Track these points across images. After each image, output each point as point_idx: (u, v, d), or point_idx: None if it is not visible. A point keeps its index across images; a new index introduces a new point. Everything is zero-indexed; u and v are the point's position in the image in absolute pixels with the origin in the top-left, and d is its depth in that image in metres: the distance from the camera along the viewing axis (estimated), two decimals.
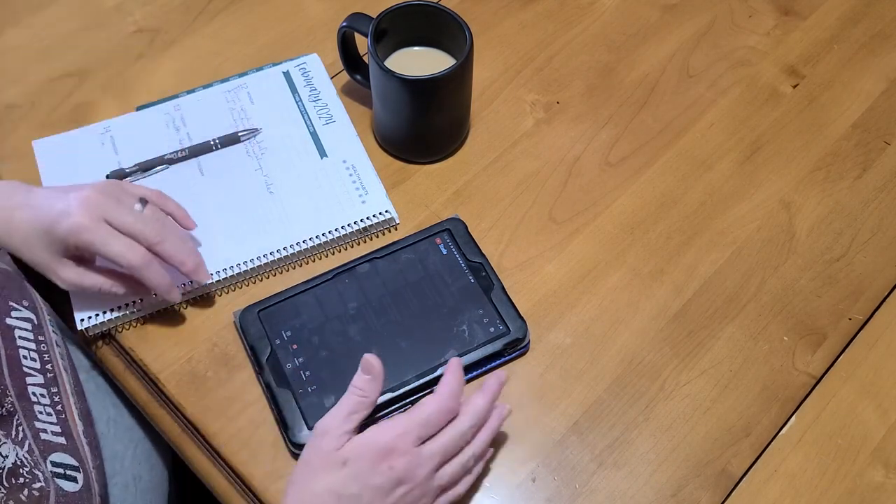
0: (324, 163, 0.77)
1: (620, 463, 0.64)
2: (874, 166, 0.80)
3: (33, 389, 0.61)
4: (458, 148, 0.80)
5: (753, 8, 0.91)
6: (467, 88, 0.76)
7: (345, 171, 0.76)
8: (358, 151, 0.78)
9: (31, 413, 0.60)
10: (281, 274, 0.72)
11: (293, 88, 0.82)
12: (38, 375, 0.62)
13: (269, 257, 0.71)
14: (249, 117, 0.80)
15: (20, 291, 0.66)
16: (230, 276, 0.70)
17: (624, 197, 0.77)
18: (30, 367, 0.62)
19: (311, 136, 0.78)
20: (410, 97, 0.73)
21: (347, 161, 0.77)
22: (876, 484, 0.64)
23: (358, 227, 0.73)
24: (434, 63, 0.76)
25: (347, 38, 0.78)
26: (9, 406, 0.58)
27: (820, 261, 0.74)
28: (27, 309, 0.65)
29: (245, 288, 0.71)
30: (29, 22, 0.87)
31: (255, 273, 0.71)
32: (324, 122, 0.79)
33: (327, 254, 0.73)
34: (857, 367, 0.69)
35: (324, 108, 0.80)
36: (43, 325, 0.66)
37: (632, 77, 0.85)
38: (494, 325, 0.68)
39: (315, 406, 0.64)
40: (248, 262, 0.71)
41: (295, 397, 0.64)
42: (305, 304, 0.68)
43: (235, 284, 0.71)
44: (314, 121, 0.79)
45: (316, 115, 0.80)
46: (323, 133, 0.79)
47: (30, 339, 0.64)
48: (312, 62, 0.83)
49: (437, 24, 0.75)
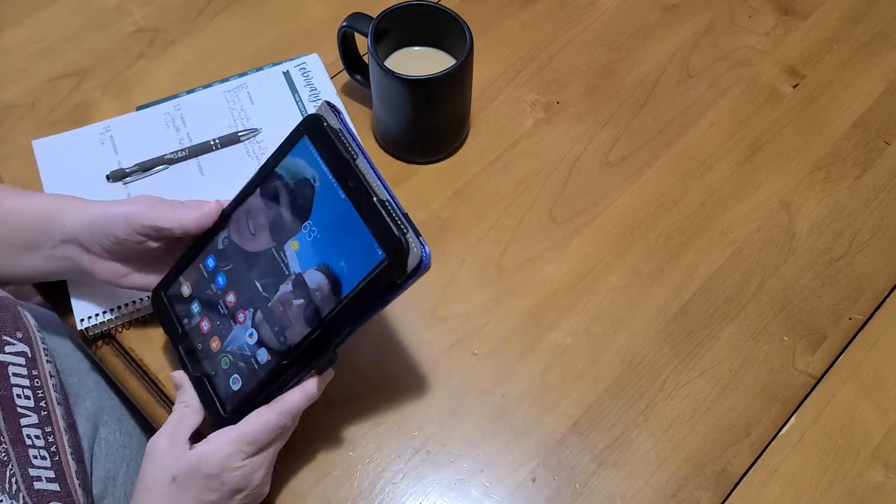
0: None
1: (620, 463, 0.64)
2: (874, 166, 0.80)
3: (28, 431, 0.60)
4: (459, 148, 0.80)
5: (753, 8, 0.91)
6: (467, 88, 0.76)
7: None
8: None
9: (26, 459, 0.58)
10: None
11: (293, 88, 0.82)
12: (33, 415, 0.61)
13: None
14: (249, 117, 0.80)
15: (14, 321, 0.64)
16: None
17: (624, 197, 0.77)
18: (24, 406, 0.61)
19: None
20: (410, 97, 0.73)
21: None
22: (876, 484, 0.64)
23: None
24: (434, 63, 0.76)
25: (347, 38, 0.78)
26: (2, 455, 0.57)
27: (820, 261, 0.74)
28: (21, 342, 0.63)
29: None
30: (29, 22, 0.88)
31: None
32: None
33: None
34: (857, 368, 0.69)
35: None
36: (37, 357, 0.64)
37: (632, 77, 0.85)
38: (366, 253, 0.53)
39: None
40: None
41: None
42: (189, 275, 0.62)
43: None
44: None
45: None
46: None
47: (24, 376, 0.62)
48: (312, 62, 0.83)
49: (438, 23, 0.75)
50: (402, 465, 0.64)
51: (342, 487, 0.63)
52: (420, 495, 0.63)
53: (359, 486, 0.63)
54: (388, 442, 0.65)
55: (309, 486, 0.63)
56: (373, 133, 0.80)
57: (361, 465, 0.64)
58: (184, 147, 0.77)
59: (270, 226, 0.58)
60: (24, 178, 0.76)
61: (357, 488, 0.63)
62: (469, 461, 0.64)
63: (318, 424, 0.65)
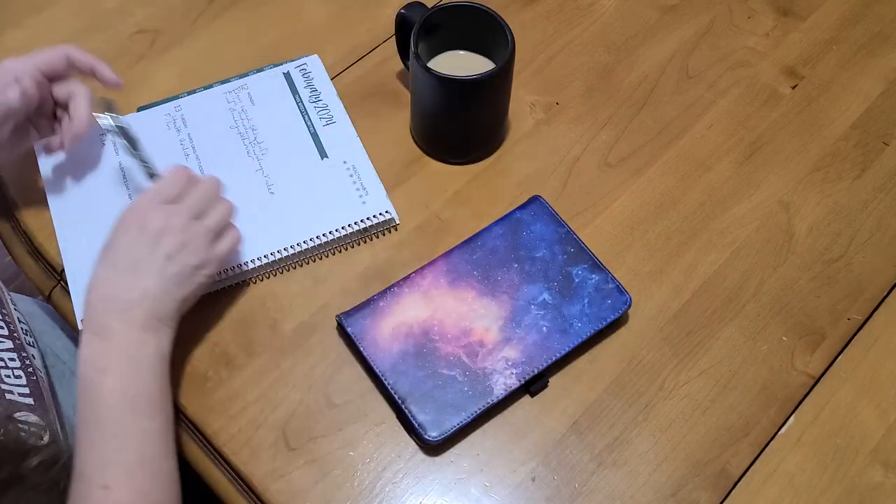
0: (324, 163, 0.77)
1: (620, 462, 0.64)
2: (873, 167, 0.80)
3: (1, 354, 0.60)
4: (493, 151, 0.80)
5: (752, 9, 0.91)
6: (504, 93, 0.76)
7: (345, 171, 0.76)
8: (358, 152, 0.78)
9: None
10: (282, 274, 0.72)
11: (294, 89, 0.82)
12: (7, 341, 0.62)
13: (270, 257, 0.71)
14: (250, 118, 0.80)
15: None
16: (231, 276, 0.70)
17: (623, 197, 0.77)
18: None
19: (311, 136, 0.79)
20: (445, 96, 0.73)
21: (348, 162, 0.77)
22: (875, 484, 0.64)
23: (358, 227, 0.73)
24: (478, 67, 0.75)
25: (403, 24, 0.78)
26: None
27: (819, 261, 0.74)
28: None
29: (247, 288, 0.72)
30: (30, 23, 0.88)
31: (255, 273, 0.71)
32: (324, 123, 0.79)
33: (328, 254, 0.73)
34: (856, 367, 0.69)
35: (324, 109, 0.80)
36: (4, 300, 0.65)
37: (631, 78, 0.85)
38: None
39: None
40: (248, 263, 0.71)
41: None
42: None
43: (236, 284, 0.71)
44: (315, 122, 0.80)
45: (316, 115, 0.80)
46: (323, 134, 0.79)
47: None
48: (313, 63, 0.84)
49: (483, 27, 0.75)
50: (402, 464, 0.64)
51: (342, 487, 0.63)
52: (420, 495, 0.63)
53: (359, 486, 0.63)
54: (388, 442, 0.65)
55: (309, 486, 0.63)
56: (409, 128, 0.81)
57: (361, 465, 0.64)
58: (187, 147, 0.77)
59: None
60: (25, 178, 0.76)
61: (357, 488, 0.63)
62: (469, 461, 0.64)
63: (318, 424, 0.65)
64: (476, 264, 0.70)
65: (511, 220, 0.73)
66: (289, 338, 0.69)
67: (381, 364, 0.65)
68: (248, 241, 0.72)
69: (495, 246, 0.71)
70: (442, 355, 0.66)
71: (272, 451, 0.64)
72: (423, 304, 0.68)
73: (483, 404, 0.64)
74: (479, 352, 0.66)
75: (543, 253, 0.71)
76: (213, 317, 0.70)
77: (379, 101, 0.83)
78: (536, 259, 0.70)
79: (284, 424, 0.65)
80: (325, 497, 0.63)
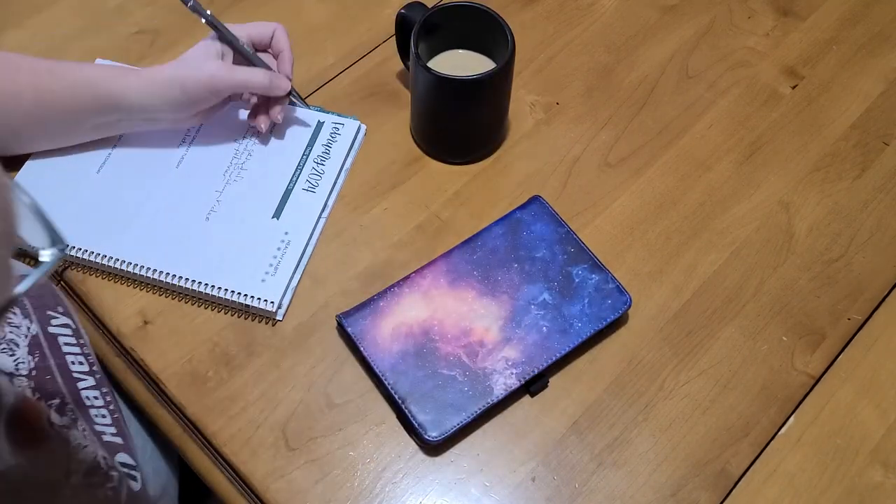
0: (270, 223, 0.73)
1: (620, 462, 0.64)
2: (873, 167, 0.80)
3: (86, 394, 0.61)
4: (492, 151, 0.80)
5: (752, 9, 0.91)
6: (505, 94, 0.76)
7: (277, 241, 0.72)
8: (304, 232, 0.73)
9: (89, 418, 0.60)
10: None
11: (312, 140, 0.78)
12: (89, 378, 0.62)
13: (160, 275, 0.69)
14: (256, 142, 0.78)
15: (54, 298, 0.65)
16: (136, 273, 0.69)
17: (623, 197, 0.77)
18: (79, 371, 0.62)
19: (283, 192, 0.75)
20: (444, 96, 0.73)
21: (288, 235, 0.72)
22: (875, 484, 0.64)
23: (239, 299, 0.69)
24: (479, 67, 0.75)
25: (403, 24, 0.78)
26: (70, 414, 0.58)
27: (819, 261, 0.74)
28: (63, 315, 0.64)
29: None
30: (30, 23, 0.88)
31: (147, 280, 0.70)
32: (304, 187, 0.75)
33: (209, 306, 0.70)
34: (856, 368, 0.69)
35: (317, 174, 0.76)
36: (79, 328, 0.65)
37: (631, 78, 0.85)
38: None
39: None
40: (158, 272, 0.69)
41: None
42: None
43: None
44: (299, 180, 0.75)
45: (306, 175, 0.76)
46: (294, 196, 0.75)
47: (73, 344, 0.64)
48: (351, 126, 0.79)
49: (483, 27, 0.75)
50: (402, 464, 0.64)
51: (342, 487, 0.63)
52: (420, 495, 0.63)
53: (359, 486, 0.63)
54: (388, 442, 0.65)
55: (309, 486, 0.63)
56: (409, 128, 0.80)
57: (361, 465, 0.64)
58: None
59: None
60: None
61: (357, 488, 0.63)
62: (469, 461, 0.64)
63: (318, 424, 0.65)
64: (476, 264, 0.70)
65: (511, 220, 0.73)
66: (289, 338, 0.69)
67: (381, 364, 0.66)
68: (164, 249, 0.70)
69: (495, 246, 0.71)
70: (442, 355, 0.66)
71: (272, 451, 0.64)
72: (423, 304, 0.68)
73: (483, 404, 0.64)
74: (479, 352, 0.66)
75: (543, 253, 0.71)
76: (213, 317, 0.70)
77: (379, 101, 0.83)
78: (536, 259, 0.70)
79: (284, 424, 0.65)
80: (325, 497, 0.63)
